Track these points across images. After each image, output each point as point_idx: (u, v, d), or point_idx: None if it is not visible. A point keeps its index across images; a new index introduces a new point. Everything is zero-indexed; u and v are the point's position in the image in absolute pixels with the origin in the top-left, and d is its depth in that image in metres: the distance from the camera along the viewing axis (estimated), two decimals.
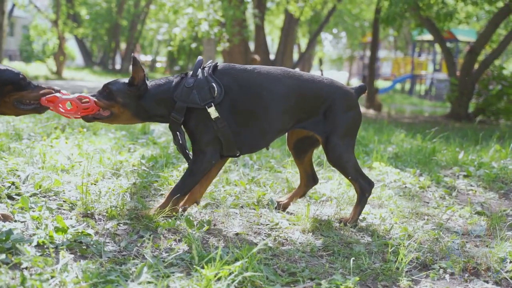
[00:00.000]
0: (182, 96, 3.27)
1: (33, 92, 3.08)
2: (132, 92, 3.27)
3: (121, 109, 3.27)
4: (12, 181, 3.71)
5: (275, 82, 3.37)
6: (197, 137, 3.32)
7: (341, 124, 3.46)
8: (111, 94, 3.26)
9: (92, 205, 3.42)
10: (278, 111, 3.36)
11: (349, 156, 3.55)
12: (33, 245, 2.82)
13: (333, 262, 3.00)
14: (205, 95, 3.25)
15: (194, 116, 3.29)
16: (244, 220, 3.57)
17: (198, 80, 3.28)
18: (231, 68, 3.39)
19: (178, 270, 2.71)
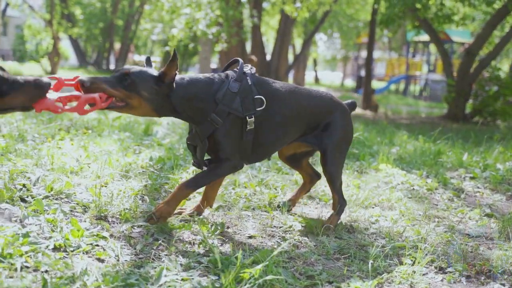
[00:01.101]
0: (226, 100, 3.05)
1: (17, 95, 2.59)
2: (159, 89, 2.96)
3: (142, 102, 2.93)
4: (23, 183, 3.68)
5: (294, 100, 3.37)
6: (225, 144, 3.12)
7: (339, 139, 3.52)
8: (134, 85, 2.88)
9: (106, 207, 3.41)
10: (292, 127, 3.38)
11: (341, 170, 3.67)
12: (50, 248, 2.81)
13: (349, 265, 3.00)
14: (249, 105, 3.11)
15: (228, 123, 3.09)
16: (257, 223, 3.57)
17: (243, 87, 3.11)
18: (262, 80, 3.28)
19: (196, 274, 2.71)
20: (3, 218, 3.16)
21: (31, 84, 2.61)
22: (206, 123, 3.06)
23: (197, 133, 3.12)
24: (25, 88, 2.59)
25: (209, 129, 3.07)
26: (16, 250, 2.63)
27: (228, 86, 3.08)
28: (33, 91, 2.61)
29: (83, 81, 2.77)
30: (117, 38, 36.92)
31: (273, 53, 18.37)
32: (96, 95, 2.73)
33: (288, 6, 16.04)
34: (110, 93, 2.81)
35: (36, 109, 2.65)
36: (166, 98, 2.98)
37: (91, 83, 2.76)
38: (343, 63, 42.49)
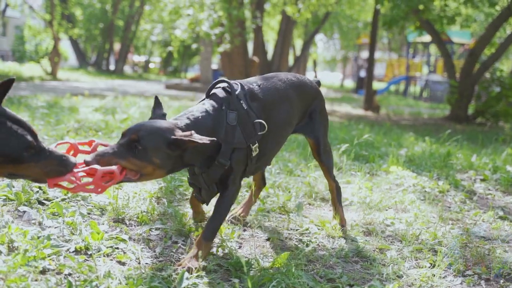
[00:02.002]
0: (228, 137, 2.77)
1: (35, 166, 2.25)
2: (173, 153, 2.57)
3: (155, 170, 2.56)
4: (39, 186, 3.69)
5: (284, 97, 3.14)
6: (233, 175, 2.86)
7: (324, 123, 3.47)
8: (145, 153, 2.49)
9: (123, 210, 3.41)
10: (288, 126, 3.18)
11: (332, 155, 3.60)
12: (71, 251, 2.82)
13: (368, 268, 3.01)
14: (250, 132, 2.85)
15: (234, 157, 2.82)
16: (273, 225, 3.58)
17: (241, 115, 2.83)
18: (252, 92, 2.98)
19: (217, 276, 2.71)
20: (22, 220, 3.16)
21: (57, 159, 2.30)
22: (214, 167, 2.79)
23: (203, 177, 2.85)
24: (48, 161, 2.28)
25: (217, 173, 2.82)
26: (39, 253, 2.64)
27: (226, 120, 2.79)
28: (54, 167, 2.30)
29: (88, 162, 2.40)
30: (117, 39, 36.92)
31: (274, 54, 18.39)
32: (114, 167, 2.39)
33: (290, 7, 16.08)
34: (123, 166, 2.46)
35: (49, 185, 2.34)
36: (180, 159, 2.65)
37: (97, 161, 2.41)
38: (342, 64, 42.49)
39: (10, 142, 2.15)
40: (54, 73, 23.69)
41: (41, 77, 22.06)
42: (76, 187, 2.36)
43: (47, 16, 24.15)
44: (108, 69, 34.60)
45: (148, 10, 29.62)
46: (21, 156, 2.18)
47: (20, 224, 3.05)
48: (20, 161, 2.20)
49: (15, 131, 2.17)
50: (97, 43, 37.27)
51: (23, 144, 2.18)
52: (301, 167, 5.19)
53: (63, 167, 2.31)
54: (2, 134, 2.14)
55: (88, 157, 2.43)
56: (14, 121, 2.20)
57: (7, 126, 2.16)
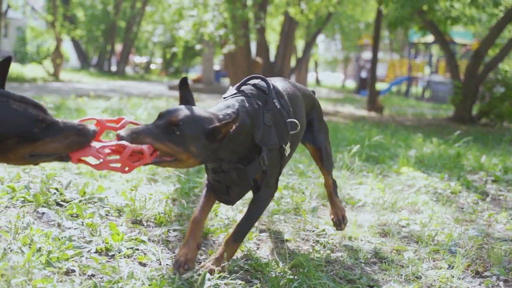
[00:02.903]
0: (265, 139, 2.66)
1: (53, 141, 2.15)
2: (210, 144, 2.46)
3: (190, 158, 2.44)
4: (55, 187, 3.70)
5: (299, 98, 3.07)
6: (267, 177, 2.76)
7: (324, 130, 3.36)
8: (183, 139, 2.37)
9: (140, 211, 3.43)
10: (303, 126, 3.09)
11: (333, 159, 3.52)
12: (92, 252, 2.84)
13: (386, 269, 3.02)
14: (283, 132, 2.75)
15: (269, 157, 2.70)
16: (289, 227, 3.59)
17: (275, 115, 2.72)
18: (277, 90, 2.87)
19: (238, 277, 2.72)
20: (42, 222, 3.18)
21: (74, 130, 2.19)
22: (255, 164, 2.65)
23: (238, 175, 2.67)
24: (64, 134, 2.17)
25: (256, 170, 2.67)
26: (62, 254, 2.65)
27: (263, 120, 2.67)
28: (74, 138, 2.18)
29: (122, 137, 2.28)
30: (118, 40, 36.94)
31: (277, 55, 18.37)
32: (144, 146, 2.27)
33: (292, 8, 16.08)
34: (156, 148, 2.34)
35: (72, 159, 2.21)
36: (214, 152, 2.52)
37: (132, 139, 2.28)
38: (344, 65, 42.52)
39: (16, 120, 2.08)
40: (56, 74, 23.70)
41: (43, 78, 22.08)
42: (102, 164, 2.23)
43: (50, 17, 24.19)
44: (109, 70, 34.61)
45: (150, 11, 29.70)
46: (32, 132, 2.10)
47: (40, 225, 3.06)
48: (35, 139, 2.11)
49: (19, 109, 2.10)
50: (99, 44, 37.30)
51: (30, 119, 2.10)
52: (312, 168, 5.20)
53: (83, 136, 2.19)
54: (6, 113, 2.07)
55: (122, 131, 2.31)
56: (17, 99, 2.13)
57: (10, 105, 2.09)
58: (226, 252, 2.70)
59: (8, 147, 2.09)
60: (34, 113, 2.11)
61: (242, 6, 13.67)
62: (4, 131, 2.06)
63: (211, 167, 2.74)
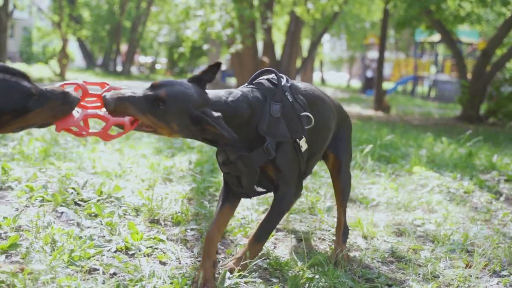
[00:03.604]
0: (271, 129, 2.60)
1: (42, 111, 2.16)
2: (194, 127, 2.43)
3: (172, 134, 2.46)
4: (72, 187, 3.73)
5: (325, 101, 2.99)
6: (284, 173, 2.70)
7: (347, 141, 3.21)
8: (166, 115, 2.36)
9: (157, 211, 3.45)
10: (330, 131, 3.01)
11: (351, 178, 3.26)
12: (112, 251, 2.86)
13: (403, 268, 3.03)
14: (296, 125, 2.68)
15: (281, 152, 2.64)
16: (305, 226, 3.61)
17: (286, 108, 2.67)
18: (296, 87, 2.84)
19: (257, 276, 2.74)
20: (61, 221, 3.21)
21: (59, 98, 2.20)
22: (259, 152, 2.59)
23: (242, 162, 2.63)
24: (51, 102, 2.18)
25: (262, 159, 2.61)
26: (84, 253, 2.68)
27: (269, 112, 2.63)
28: (59, 107, 2.20)
29: (108, 102, 2.27)
30: (124, 40, 37.01)
31: (283, 54, 18.37)
32: (126, 119, 2.29)
33: (299, 7, 16.08)
34: (137, 118, 2.34)
35: (57, 128, 2.22)
36: (200, 133, 2.48)
37: (115, 106, 2.27)
38: (349, 64, 42.48)
39: (13, 96, 2.07)
40: (62, 74, 23.79)
41: (50, 79, 22.15)
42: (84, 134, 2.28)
43: (56, 18, 24.27)
44: (115, 70, 34.68)
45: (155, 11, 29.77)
46: (27, 106, 2.10)
47: (59, 225, 3.09)
48: (27, 111, 2.11)
49: (14, 83, 2.08)
50: (104, 44, 37.38)
51: (25, 92, 2.10)
52: (324, 168, 5.21)
53: (68, 105, 2.21)
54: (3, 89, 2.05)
55: (108, 94, 2.29)
56: (6, 71, 2.11)
57: (6, 80, 2.07)
58: (249, 252, 2.70)
59: (3, 123, 2.09)
60: (27, 86, 2.11)
61: (249, 5, 13.69)
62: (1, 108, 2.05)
63: (221, 160, 2.74)
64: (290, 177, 2.73)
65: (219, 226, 2.75)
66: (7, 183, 3.78)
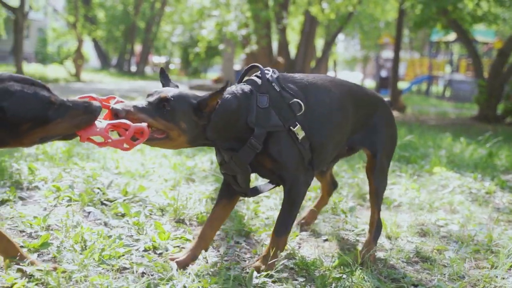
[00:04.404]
0: (260, 120, 2.64)
1: (63, 122, 2.16)
2: (199, 119, 2.52)
3: (180, 134, 2.48)
4: (98, 187, 3.78)
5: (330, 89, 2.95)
6: (284, 163, 2.71)
7: (386, 140, 3.16)
8: (174, 114, 2.43)
9: (183, 210, 3.49)
10: (339, 120, 2.94)
11: (386, 182, 3.27)
12: (140, 250, 2.90)
13: (428, 269, 3.04)
14: (286, 114, 2.69)
15: (275, 141, 2.68)
16: (328, 226, 3.63)
17: (273, 97, 2.70)
18: (287, 77, 2.85)
19: (284, 276, 2.77)
20: (88, 220, 3.25)
21: (80, 107, 2.20)
22: (245, 149, 2.64)
23: (234, 161, 2.68)
24: (72, 113, 2.18)
25: (249, 155, 2.65)
26: (113, 252, 2.72)
27: (256, 103, 2.67)
28: (81, 117, 2.20)
29: (117, 110, 2.32)
30: (138, 40, 37.21)
31: (297, 54, 18.38)
32: (145, 124, 2.31)
33: (314, 7, 16.08)
34: (150, 124, 2.37)
35: (81, 138, 2.24)
36: (202, 129, 2.56)
37: (126, 113, 2.32)
38: (363, 64, 42.32)
39: (30, 104, 2.07)
40: (78, 75, 23.97)
41: (65, 79, 22.34)
42: (109, 143, 2.29)
43: (71, 18, 24.45)
44: (129, 71, 34.88)
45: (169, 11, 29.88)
46: (47, 115, 2.10)
47: (87, 224, 3.14)
48: (47, 121, 2.11)
49: (31, 91, 2.09)
50: (119, 45, 37.61)
51: (44, 101, 2.11)
52: (345, 168, 5.23)
53: (90, 114, 2.22)
54: (19, 97, 2.05)
55: (117, 106, 2.34)
56: (25, 81, 2.12)
57: (21, 89, 2.08)
58: (274, 248, 2.72)
59: (23, 132, 2.09)
60: (46, 95, 2.12)
61: (265, 6, 13.72)
62: (20, 117, 2.05)
63: (219, 160, 2.80)
64: (292, 166, 2.73)
65: (212, 223, 2.87)
66: (33, 183, 3.84)
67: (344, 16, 19.44)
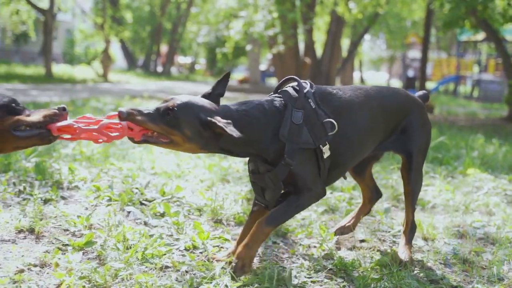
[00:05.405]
0: (292, 136, 2.63)
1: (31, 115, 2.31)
2: (205, 132, 2.50)
3: (185, 141, 2.50)
4: (136, 187, 3.85)
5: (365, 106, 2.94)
6: (303, 177, 2.71)
7: (421, 142, 3.13)
8: (176, 122, 2.46)
9: (220, 211, 3.53)
10: (368, 137, 2.95)
11: (422, 178, 3.23)
12: (181, 249, 2.96)
13: (467, 270, 3.04)
14: (319, 132, 2.69)
15: (302, 158, 2.68)
16: (364, 227, 3.64)
17: (308, 114, 2.69)
18: (325, 95, 2.83)
19: (322, 276, 2.79)
20: (129, 220, 3.32)
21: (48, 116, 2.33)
22: (280, 166, 2.64)
23: (269, 177, 2.69)
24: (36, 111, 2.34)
25: (284, 172, 2.65)
26: (156, 251, 2.78)
27: (291, 119, 2.65)
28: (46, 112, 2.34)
29: (121, 112, 2.39)
30: (164, 41, 37.51)
31: (323, 54, 18.34)
32: (124, 123, 2.38)
33: (341, 7, 16.03)
34: (149, 128, 2.43)
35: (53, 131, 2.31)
36: (215, 141, 2.55)
37: (128, 115, 2.39)
38: (388, 64, 42.05)
39: None
40: (105, 75, 24.27)
41: (93, 80, 22.63)
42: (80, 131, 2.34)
43: (99, 19, 24.76)
44: (155, 71, 35.19)
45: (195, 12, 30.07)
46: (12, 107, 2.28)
47: (128, 223, 3.20)
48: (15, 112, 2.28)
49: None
50: (145, 45, 37.96)
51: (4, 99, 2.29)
52: (378, 169, 5.23)
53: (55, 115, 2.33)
54: None
55: (123, 108, 2.42)
56: None
57: None
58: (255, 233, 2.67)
59: None
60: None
61: (292, 6, 13.74)
62: None
63: (251, 168, 2.81)
64: (309, 180, 2.73)
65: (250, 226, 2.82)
66: (73, 182, 3.93)
67: (371, 16, 19.32)
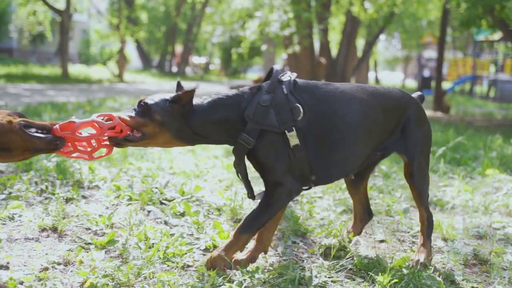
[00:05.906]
0: (257, 117, 2.63)
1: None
2: (174, 109, 2.56)
3: (157, 129, 2.53)
4: (156, 186, 3.88)
5: (354, 99, 2.87)
6: (270, 166, 2.67)
7: (422, 141, 3.07)
8: (147, 110, 2.53)
9: (240, 210, 3.55)
10: (359, 133, 2.86)
11: (428, 181, 3.15)
12: (201, 249, 2.98)
13: (487, 271, 3.02)
14: (286, 117, 2.66)
15: (266, 141, 2.65)
16: (383, 227, 3.64)
17: (276, 98, 2.68)
18: (308, 85, 2.81)
19: (343, 276, 2.80)
20: (149, 219, 3.35)
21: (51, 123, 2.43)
22: (238, 145, 2.65)
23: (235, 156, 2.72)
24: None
25: (242, 151, 2.66)
26: (177, 250, 2.80)
27: (258, 100, 2.66)
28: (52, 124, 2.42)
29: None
30: (179, 41, 37.66)
31: (338, 54, 18.30)
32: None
33: (356, 6, 15.99)
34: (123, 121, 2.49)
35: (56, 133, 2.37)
36: (184, 122, 2.59)
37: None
38: (403, 64, 41.87)
39: None
40: (121, 75, 24.44)
41: (109, 80, 22.80)
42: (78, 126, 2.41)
43: (114, 20, 24.93)
44: (170, 71, 35.34)
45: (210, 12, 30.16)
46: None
47: (149, 222, 3.23)
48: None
49: None
50: (160, 46, 38.14)
51: None
52: (395, 169, 5.22)
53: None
54: None
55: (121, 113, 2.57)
56: None
57: None
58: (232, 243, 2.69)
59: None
60: None
61: (307, 6, 13.73)
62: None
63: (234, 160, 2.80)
64: (278, 171, 2.68)
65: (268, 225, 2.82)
66: (94, 182, 3.97)
67: (386, 15, 19.24)
